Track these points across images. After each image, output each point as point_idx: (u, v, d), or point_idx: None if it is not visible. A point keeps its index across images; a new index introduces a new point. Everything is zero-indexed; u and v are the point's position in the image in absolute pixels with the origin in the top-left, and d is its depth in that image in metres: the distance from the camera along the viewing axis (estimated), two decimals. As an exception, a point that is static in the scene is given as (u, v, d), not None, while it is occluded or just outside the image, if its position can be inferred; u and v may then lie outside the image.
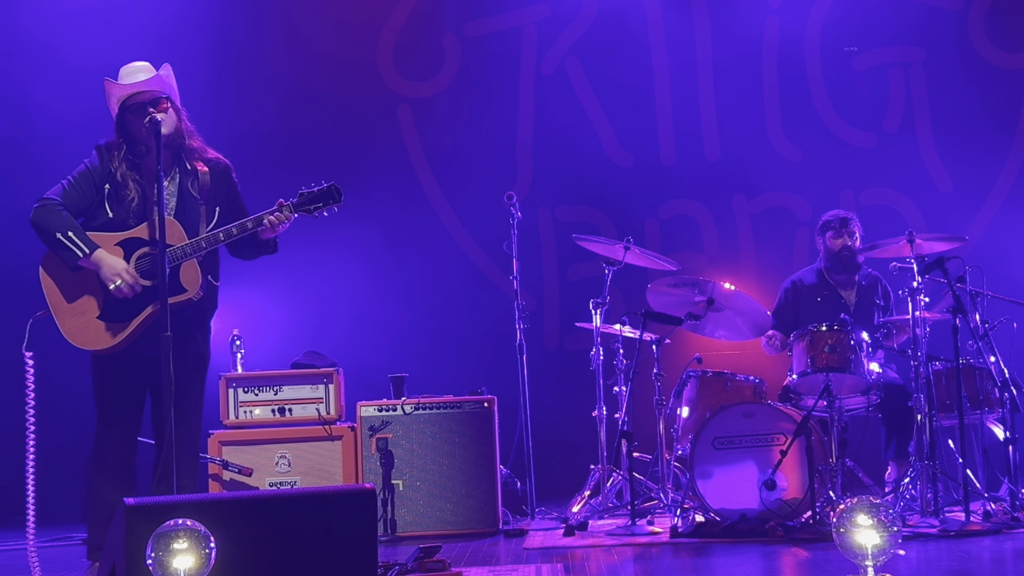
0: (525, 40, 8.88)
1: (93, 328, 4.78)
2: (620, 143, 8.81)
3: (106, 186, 4.85)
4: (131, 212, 4.84)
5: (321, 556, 3.59)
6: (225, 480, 6.27)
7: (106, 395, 4.89)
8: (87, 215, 4.86)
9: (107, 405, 4.89)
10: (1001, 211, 8.62)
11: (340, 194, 5.03)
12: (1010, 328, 6.69)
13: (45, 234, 4.76)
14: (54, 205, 4.77)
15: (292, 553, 3.57)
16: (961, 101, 8.67)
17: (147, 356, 4.80)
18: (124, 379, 4.87)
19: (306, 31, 8.82)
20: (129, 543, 3.37)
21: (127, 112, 4.85)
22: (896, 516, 3.67)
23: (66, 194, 4.82)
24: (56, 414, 7.40)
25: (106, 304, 4.79)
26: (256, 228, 4.89)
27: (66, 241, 4.71)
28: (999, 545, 5.27)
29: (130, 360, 4.84)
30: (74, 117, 7.87)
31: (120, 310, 4.79)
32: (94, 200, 4.86)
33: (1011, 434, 6.03)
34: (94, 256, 4.72)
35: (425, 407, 6.42)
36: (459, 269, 8.67)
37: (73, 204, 4.82)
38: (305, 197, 5.00)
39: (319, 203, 5.00)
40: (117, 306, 4.79)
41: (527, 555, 5.50)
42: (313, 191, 5.01)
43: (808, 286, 7.08)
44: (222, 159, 5.08)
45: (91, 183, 4.86)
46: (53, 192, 4.82)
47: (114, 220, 4.84)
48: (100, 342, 4.79)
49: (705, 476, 5.98)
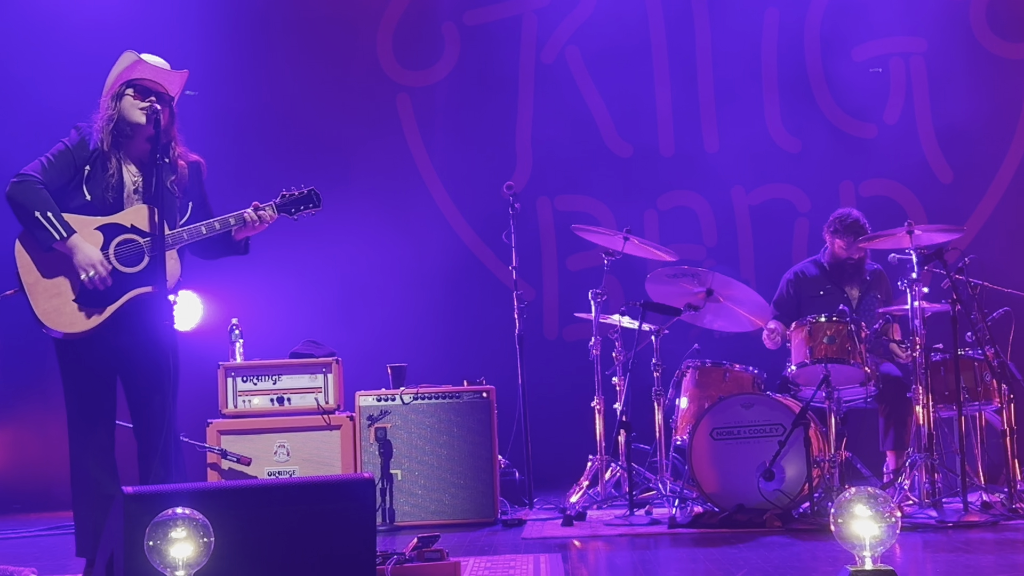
0: (525, 29, 8.87)
1: (68, 311, 4.72)
2: (620, 133, 8.81)
3: (86, 167, 4.78)
4: (110, 189, 4.77)
5: (319, 546, 3.59)
6: (224, 469, 6.27)
7: (75, 382, 4.81)
8: (62, 195, 4.75)
9: (79, 392, 4.80)
10: (1001, 202, 8.62)
11: (319, 199, 5.05)
12: (1009, 319, 6.68)
13: (21, 210, 4.67)
14: (33, 182, 4.68)
15: (290, 542, 3.57)
16: (962, 92, 8.66)
17: (113, 345, 4.75)
18: (91, 366, 4.79)
19: (306, 19, 8.82)
20: (128, 532, 3.37)
21: (131, 89, 4.80)
22: (894, 507, 3.67)
23: (45, 171, 4.72)
24: (55, 399, 7.38)
25: (83, 288, 4.74)
26: (236, 225, 4.89)
27: (43, 221, 4.63)
28: (997, 536, 5.27)
29: (98, 348, 4.78)
30: (59, 98, 7.81)
31: (97, 295, 4.74)
32: (71, 180, 4.76)
33: (1009, 425, 6.03)
34: (70, 241, 4.66)
35: (424, 397, 6.42)
36: (458, 259, 8.68)
37: (52, 182, 4.72)
38: (286, 199, 5.00)
39: (300, 206, 5.02)
40: (96, 290, 4.75)
41: (525, 545, 5.51)
42: (294, 194, 5.02)
43: (810, 278, 7.06)
44: (197, 158, 5.06)
45: (70, 162, 4.77)
46: (32, 168, 4.72)
47: (92, 203, 4.76)
48: (74, 325, 4.71)
49: (703, 466, 5.98)
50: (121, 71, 4.82)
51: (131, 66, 4.81)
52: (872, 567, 3.59)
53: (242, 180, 5.23)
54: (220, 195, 5.11)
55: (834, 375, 6.00)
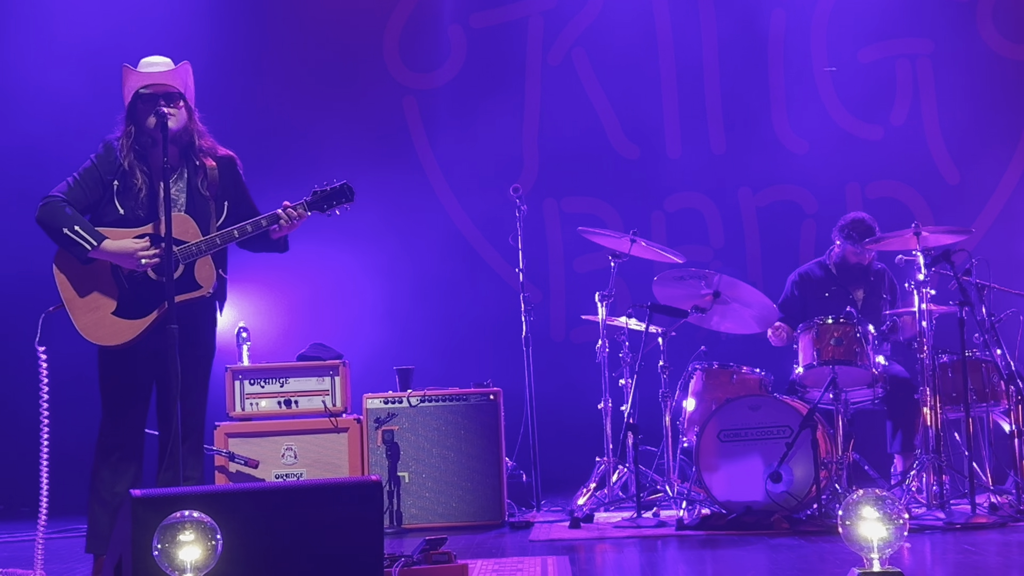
0: (531, 31, 8.87)
1: (109, 323, 4.77)
2: (626, 135, 8.80)
3: (115, 182, 4.83)
4: (140, 204, 4.82)
5: (327, 548, 3.59)
6: (231, 472, 6.29)
7: (113, 388, 4.89)
8: (95, 212, 4.82)
9: (113, 398, 4.89)
10: (1009, 203, 8.60)
11: (352, 193, 5.03)
12: (1016, 321, 6.67)
13: (52, 231, 4.75)
14: (58, 201, 4.75)
15: (298, 545, 3.57)
16: (969, 93, 8.65)
17: (153, 349, 4.80)
18: (131, 372, 4.86)
19: (312, 22, 8.83)
20: (136, 535, 3.37)
21: (139, 101, 4.83)
22: (902, 509, 3.67)
23: (71, 191, 4.79)
24: (66, 407, 7.38)
25: (121, 299, 4.78)
26: (269, 226, 4.90)
27: (73, 236, 4.69)
28: (1005, 538, 5.26)
29: (138, 353, 4.84)
30: (78, 109, 7.85)
31: (136, 305, 4.79)
32: (103, 196, 4.83)
33: (1017, 427, 6.02)
34: (103, 246, 4.71)
35: (431, 399, 6.43)
36: (465, 261, 8.68)
37: (79, 200, 4.79)
38: (318, 195, 5.00)
39: (333, 201, 5.01)
40: (133, 301, 4.78)
41: (533, 547, 5.50)
42: (326, 189, 5.01)
43: (816, 280, 7.06)
44: (230, 153, 5.08)
45: (98, 179, 4.83)
46: (58, 189, 4.80)
47: (125, 216, 4.82)
48: (116, 337, 4.77)
49: (711, 469, 5.98)
50: (125, 86, 4.86)
51: (128, 78, 4.84)
52: (880, 569, 3.59)
53: (251, 181, 5.21)
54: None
55: (841, 377, 5.99)
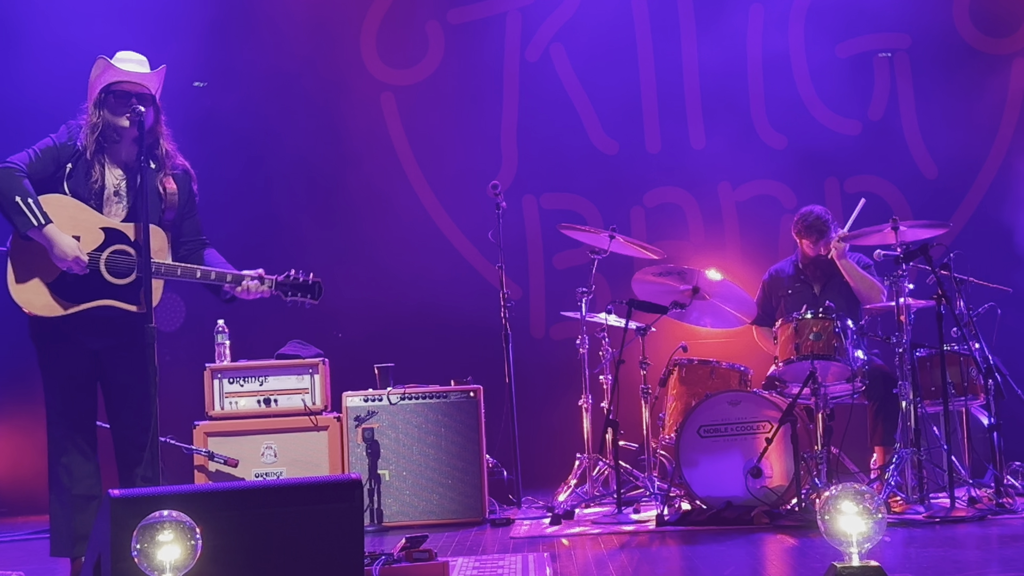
0: (509, 27, 8.86)
1: (41, 293, 4.73)
2: (605, 131, 8.80)
3: (68, 165, 4.81)
4: (92, 194, 4.80)
5: (307, 547, 3.58)
6: (211, 471, 6.26)
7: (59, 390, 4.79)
8: (41, 188, 4.79)
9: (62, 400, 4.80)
10: (986, 198, 8.64)
11: (320, 292, 5.08)
12: (994, 315, 6.71)
13: (2, 195, 4.70)
14: (17, 170, 4.71)
15: (278, 544, 3.56)
16: (946, 88, 8.69)
17: (93, 349, 4.78)
18: (68, 361, 4.79)
19: (288, 18, 8.78)
20: (114, 535, 3.35)
21: (111, 96, 4.81)
22: (881, 503, 3.68)
23: (31, 164, 4.76)
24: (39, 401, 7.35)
25: (62, 277, 4.74)
26: (229, 284, 4.91)
27: (23, 207, 4.65)
28: (984, 531, 5.29)
29: (75, 346, 4.78)
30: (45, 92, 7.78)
31: (73, 290, 4.75)
32: (53, 175, 4.80)
33: (995, 420, 6.05)
34: (47, 229, 4.66)
35: (411, 397, 6.42)
36: (444, 258, 8.66)
37: (35, 174, 4.77)
38: (289, 282, 5.02)
39: (299, 293, 5.04)
40: (72, 285, 4.74)
41: (514, 544, 5.50)
42: (298, 280, 5.04)
43: (785, 277, 7.01)
44: (186, 165, 5.06)
45: (54, 159, 4.80)
46: (18, 158, 4.76)
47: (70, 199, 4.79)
48: (43, 308, 4.72)
49: (691, 464, 5.99)
50: (96, 77, 4.84)
51: (105, 71, 4.82)
52: (859, 563, 3.60)
53: (222, 183, 5.19)
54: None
55: (820, 371, 6.01)
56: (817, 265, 6.86)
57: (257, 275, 4.95)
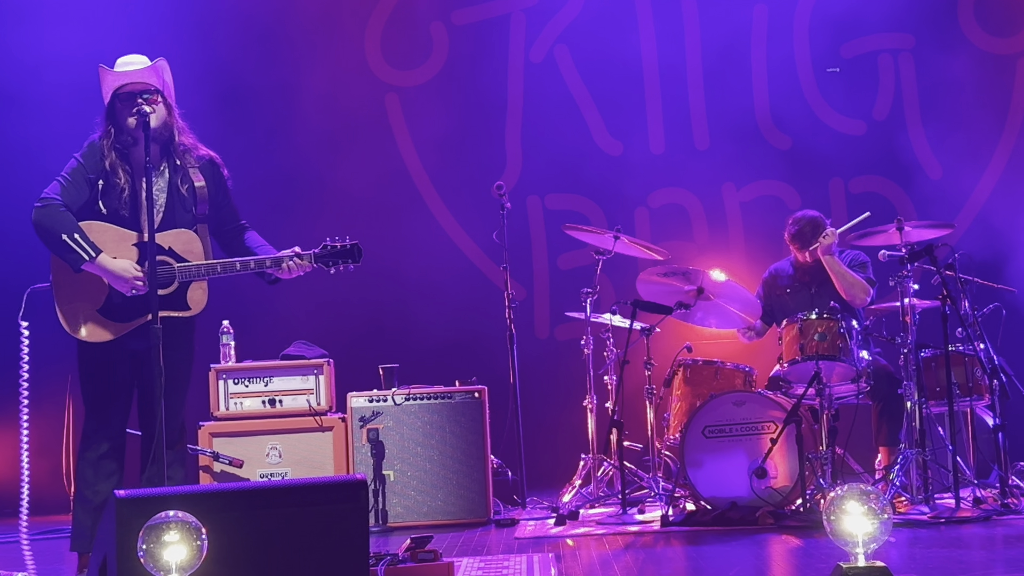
0: (514, 28, 8.86)
1: (91, 319, 4.77)
2: (610, 131, 8.80)
3: (99, 182, 4.83)
4: (123, 204, 4.83)
5: (312, 548, 3.59)
6: (216, 472, 6.26)
7: (94, 387, 4.89)
8: (81, 211, 4.83)
9: (94, 396, 4.89)
10: (991, 198, 8.63)
11: (360, 254, 5.09)
12: (999, 315, 6.70)
13: (49, 235, 4.72)
14: (57, 206, 4.74)
15: (283, 545, 3.56)
16: (951, 88, 8.67)
17: (133, 349, 4.81)
18: (111, 371, 4.86)
19: (293, 20, 8.79)
20: (120, 535, 3.36)
21: (117, 101, 4.84)
22: (886, 503, 3.68)
23: (65, 192, 4.79)
24: (50, 408, 7.35)
25: (108, 299, 4.78)
26: (271, 267, 4.94)
27: (72, 244, 4.69)
28: (989, 532, 5.28)
29: (117, 353, 4.83)
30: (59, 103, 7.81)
31: (122, 310, 4.79)
32: (88, 196, 4.84)
33: (1000, 421, 6.04)
34: (99, 260, 4.72)
35: (416, 397, 6.42)
36: (449, 259, 8.66)
37: (73, 202, 4.79)
38: (328, 251, 5.05)
39: (339, 259, 5.05)
40: (120, 305, 4.79)
41: (518, 545, 5.50)
42: (336, 246, 5.06)
43: (783, 277, 7.00)
44: (211, 154, 5.07)
45: (84, 179, 4.83)
46: (52, 191, 4.78)
47: (108, 216, 4.83)
48: (95, 335, 4.78)
49: (695, 465, 5.99)
50: (104, 86, 4.86)
51: (106, 78, 4.84)
52: (865, 564, 3.60)
53: (232, 180, 5.20)
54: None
55: (825, 372, 6.00)
56: (814, 266, 6.86)
57: (294, 253, 4.97)
